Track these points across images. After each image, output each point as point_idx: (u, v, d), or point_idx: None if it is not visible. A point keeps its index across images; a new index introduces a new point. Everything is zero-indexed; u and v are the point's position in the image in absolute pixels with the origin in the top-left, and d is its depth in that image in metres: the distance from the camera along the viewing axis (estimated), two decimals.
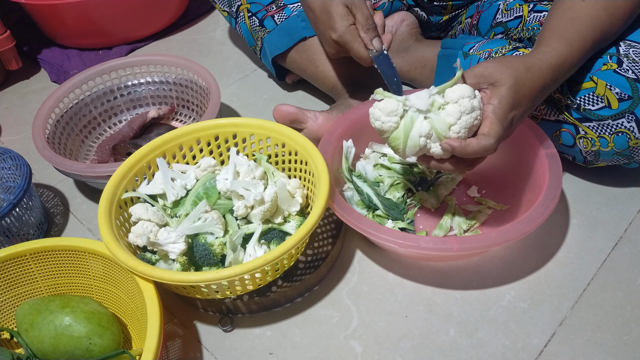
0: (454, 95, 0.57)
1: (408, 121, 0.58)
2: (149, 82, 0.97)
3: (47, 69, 1.17)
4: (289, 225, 0.70)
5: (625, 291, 0.67)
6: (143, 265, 0.58)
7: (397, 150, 0.60)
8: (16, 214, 0.74)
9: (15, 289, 0.65)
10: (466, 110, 0.56)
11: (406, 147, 0.59)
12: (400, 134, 0.58)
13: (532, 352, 0.62)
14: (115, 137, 0.91)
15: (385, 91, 0.60)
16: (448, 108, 0.57)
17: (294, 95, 1.03)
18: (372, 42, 0.71)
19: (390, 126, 0.59)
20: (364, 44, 0.72)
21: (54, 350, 0.59)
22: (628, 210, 0.77)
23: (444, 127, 0.57)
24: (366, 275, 0.71)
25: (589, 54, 0.65)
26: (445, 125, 0.57)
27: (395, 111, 0.58)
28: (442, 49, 0.88)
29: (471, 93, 0.57)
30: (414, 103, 0.58)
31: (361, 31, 0.71)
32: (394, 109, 0.58)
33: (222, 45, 1.20)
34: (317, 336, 0.65)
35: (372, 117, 0.60)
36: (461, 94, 0.56)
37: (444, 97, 0.58)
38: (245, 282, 0.61)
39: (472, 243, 0.60)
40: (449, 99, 0.57)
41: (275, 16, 0.90)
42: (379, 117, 0.59)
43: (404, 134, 0.58)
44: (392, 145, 0.61)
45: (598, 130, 0.69)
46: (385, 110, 0.58)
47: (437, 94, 0.58)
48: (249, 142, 0.75)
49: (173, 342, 0.67)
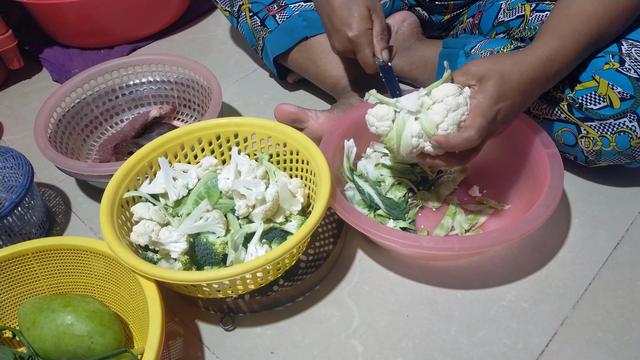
0: (439, 94, 0.59)
1: (400, 123, 0.61)
2: (151, 81, 0.97)
3: (49, 68, 1.17)
4: (290, 224, 0.70)
5: (626, 291, 0.67)
6: (145, 264, 0.58)
7: (393, 150, 0.63)
8: (18, 213, 0.74)
9: (17, 287, 0.65)
10: (452, 107, 0.59)
11: (400, 147, 0.62)
12: (393, 135, 0.61)
13: (533, 352, 0.62)
14: (117, 137, 0.91)
15: (378, 93, 0.63)
16: (434, 107, 0.60)
17: (295, 94, 1.03)
18: (382, 52, 0.73)
19: (384, 130, 0.62)
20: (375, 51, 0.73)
21: (56, 349, 0.59)
22: (629, 210, 0.77)
23: (432, 126, 0.59)
24: (367, 274, 0.71)
25: (586, 50, 0.65)
26: (433, 124, 0.59)
27: (386, 116, 0.61)
28: (443, 48, 0.88)
29: (456, 91, 0.59)
30: (405, 105, 0.60)
31: (374, 38, 0.73)
32: (385, 113, 0.61)
33: (224, 45, 1.21)
34: (318, 335, 0.66)
35: (368, 123, 0.64)
36: (446, 92, 0.59)
37: (431, 97, 0.60)
38: (247, 281, 0.61)
39: (474, 242, 0.60)
40: (435, 99, 0.60)
41: (277, 16, 0.90)
42: (373, 122, 0.63)
43: (396, 136, 0.61)
44: (387, 146, 0.63)
45: (600, 130, 0.69)
46: (377, 116, 0.62)
47: (426, 95, 0.61)
48: (251, 142, 0.75)
49: (174, 341, 0.67)
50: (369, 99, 0.64)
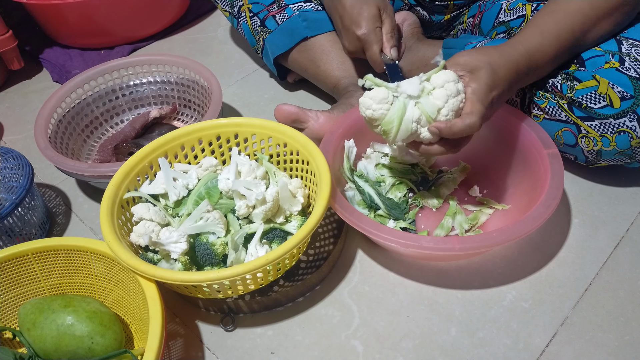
0: (440, 80, 0.60)
1: (401, 107, 0.60)
2: (151, 81, 0.97)
3: (49, 68, 1.17)
4: (290, 225, 0.70)
5: (626, 291, 0.67)
6: (145, 264, 0.58)
7: (389, 136, 0.62)
8: (18, 214, 0.74)
9: (18, 288, 0.65)
10: (452, 93, 0.59)
11: (399, 133, 0.61)
12: (393, 118, 0.61)
13: (533, 352, 0.62)
14: (117, 137, 0.91)
15: (375, 78, 0.62)
16: (435, 92, 0.60)
17: (295, 94, 1.03)
18: (391, 49, 0.74)
19: (382, 113, 0.61)
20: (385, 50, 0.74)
21: (56, 349, 0.59)
22: (630, 210, 0.76)
23: (433, 111, 0.60)
24: (367, 274, 0.71)
25: (570, 47, 0.67)
26: (435, 108, 0.60)
27: (385, 99, 0.61)
28: (443, 48, 0.88)
29: (455, 77, 0.60)
30: (406, 89, 0.60)
31: (384, 37, 0.74)
32: (384, 96, 0.61)
33: (224, 45, 1.21)
34: (318, 335, 0.66)
35: (363, 106, 0.62)
36: (446, 78, 0.60)
37: (431, 83, 0.61)
38: (247, 281, 0.61)
39: (474, 243, 0.60)
40: (435, 84, 0.60)
41: (277, 16, 0.90)
42: (369, 105, 0.61)
43: (397, 120, 0.60)
44: (384, 130, 0.62)
45: (600, 130, 0.69)
46: (376, 99, 0.61)
47: (426, 81, 0.61)
48: (251, 142, 0.75)
49: (175, 341, 0.67)
50: (366, 83, 0.63)
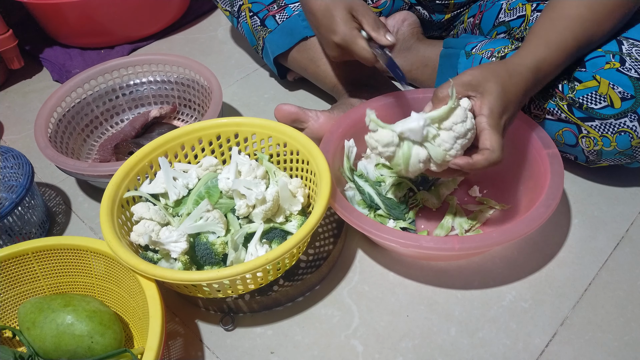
0: (447, 123, 0.58)
1: (406, 151, 0.60)
2: (151, 81, 0.97)
3: (49, 68, 1.17)
4: (290, 224, 0.70)
5: (626, 291, 0.67)
6: (145, 264, 0.58)
7: (400, 172, 0.63)
8: (18, 213, 0.74)
9: (18, 287, 0.65)
10: (460, 135, 0.58)
11: (408, 172, 0.61)
12: (400, 161, 0.60)
13: (533, 352, 0.62)
14: (117, 136, 0.91)
15: (379, 120, 0.61)
16: (442, 135, 0.58)
17: (295, 94, 1.03)
18: (385, 36, 0.71)
19: (389, 155, 0.61)
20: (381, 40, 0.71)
21: (56, 348, 0.59)
22: (630, 210, 0.76)
23: (440, 154, 0.59)
24: (367, 274, 0.71)
25: (574, 53, 0.66)
26: (441, 152, 0.59)
27: (390, 142, 0.60)
28: (444, 48, 0.88)
29: (464, 117, 0.58)
30: (409, 136, 0.59)
31: (372, 32, 0.71)
32: (389, 140, 0.60)
33: (224, 45, 1.21)
34: (318, 335, 0.66)
35: (369, 146, 0.62)
36: (454, 120, 0.58)
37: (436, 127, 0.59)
38: (247, 281, 0.61)
39: (474, 243, 0.60)
40: (443, 126, 0.58)
41: (277, 16, 0.90)
42: (375, 146, 0.61)
43: (403, 163, 0.60)
44: (393, 169, 0.64)
45: (600, 130, 0.69)
46: (381, 142, 0.60)
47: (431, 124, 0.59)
48: (251, 142, 0.75)
49: (174, 341, 0.67)
50: (370, 125, 0.61)
